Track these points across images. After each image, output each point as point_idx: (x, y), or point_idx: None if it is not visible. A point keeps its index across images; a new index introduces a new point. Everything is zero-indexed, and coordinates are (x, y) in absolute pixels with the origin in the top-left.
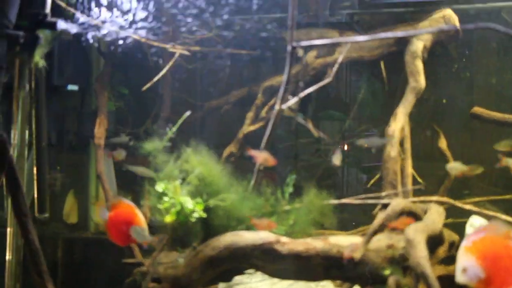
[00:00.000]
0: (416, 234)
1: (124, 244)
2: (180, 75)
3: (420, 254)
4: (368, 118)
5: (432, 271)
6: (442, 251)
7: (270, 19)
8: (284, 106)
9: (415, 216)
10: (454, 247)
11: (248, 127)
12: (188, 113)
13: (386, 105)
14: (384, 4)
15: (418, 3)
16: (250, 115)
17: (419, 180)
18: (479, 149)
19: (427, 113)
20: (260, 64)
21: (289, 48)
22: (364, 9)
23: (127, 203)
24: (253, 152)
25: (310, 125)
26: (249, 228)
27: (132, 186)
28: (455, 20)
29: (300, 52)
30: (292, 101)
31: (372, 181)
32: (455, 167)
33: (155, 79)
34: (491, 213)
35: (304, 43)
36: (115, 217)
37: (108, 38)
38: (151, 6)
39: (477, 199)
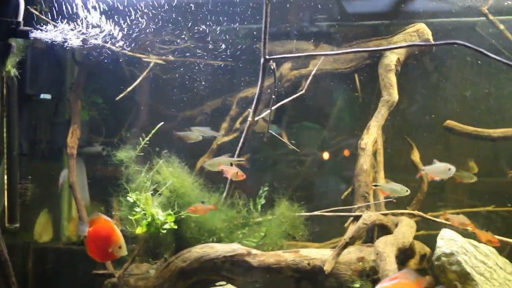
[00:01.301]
0: (386, 247)
1: (103, 260)
2: (155, 85)
3: (389, 267)
4: (344, 130)
5: None
6: (413, 263)
7: (246, 30)
8: (257, 118)
9: (386, 229)
10: (425, 259)
11: (222, 138)
12: (161, 123)
13: (361, 117)
14: (361, 17)
15: (394, 15)
16: (224, 126)
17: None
18: (452, 161)
19: (401, 125)
20: (235, 75)
21: (262, 60)
22: (343, 22)
23: (105, 219)
24: (223, 167)
25: (285, 137)
26: (220, 240)
27: (104, 196)
28: (429, 34)
29: (273, 65)
30: (264, 114)
31: (346, 193)
32: (464, 175)
33: (129, 88)
34: (463, 226)
35: (276, 56)
36: (94, 234)
37: (82, 47)
38: (126, 16)
39: (451, 210)
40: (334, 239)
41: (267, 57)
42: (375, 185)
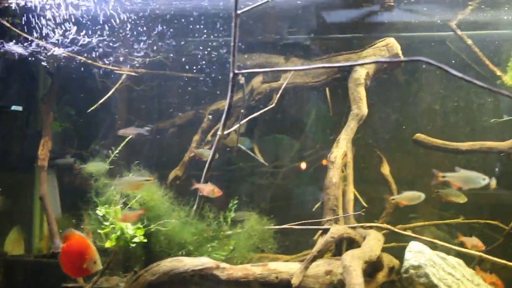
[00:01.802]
0: (353, 261)
1: (78, 276)
2: (128, 97)
3: (355, 281)
4: (316, 142)
5: None
6: (381, 276)
7: (218, 42)
8: (227, 132)
9: (354, 243)
10: (394, 272)
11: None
12: (130, 136)
13: (332, 130)
14: (332, 31)
15: (366, 29)
16: (196, 138)
17: (364, 204)
18: (424, 174)
19: (372, 138)
20: (207, 87)
21: (231, 75)
22: (313, 35)
23: (79, 234)
24: (198, 185)
25: (256, 150)
26: (188, 253)
27: (76, 209)
28: (398, 48)
29: (241, 80)
30: (234, 127)
31: (317, 205)
32: (453, 194)
33: (101, 100)
34: (428, 238)
35: (245, 70)
36: (68, 250)
37: (55, 59)
38: (99, 28)
39: (420, 223)
40: (305, 251)
41: (236, 71)
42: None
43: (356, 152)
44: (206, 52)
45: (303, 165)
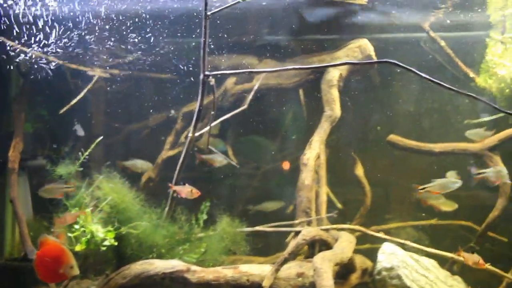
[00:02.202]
0: (323, 263)
1: (55, 281)
2: (101, 98)
3: (326, 283)
4: (290, 143)
5: None
6: (354, 278)
7: (193, 43)
8: (198, 134)
9: (327, 245)
10: (367, 273)
11: (167, 152)
12: (100, 138)
13: (306, 132)
14: (305, 32)
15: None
16: (169, 140)
17: (339, 206)
18: (399, 175)
19: (346, 140)
20: (181, 88)
21: (201, 76)
22: (287, 36)
23: (53, 240)
24: (176, 188)
25: (230, 152)
26: (160, 255)
27: (46, 212)
28: (370, 50)
29: (212, 81)
30: (205, 129)
31: (291, 207)
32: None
33: (73, 101)
34: (401, 240)
35: (216, 72)
36: (44, 256)
37: (27, 60)
38: (72, 29)
39: (395, 224)
40: (279, 253)
41: (206, 73)
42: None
43: (331, 154)
44: (180, 53)
45: (283, 165)
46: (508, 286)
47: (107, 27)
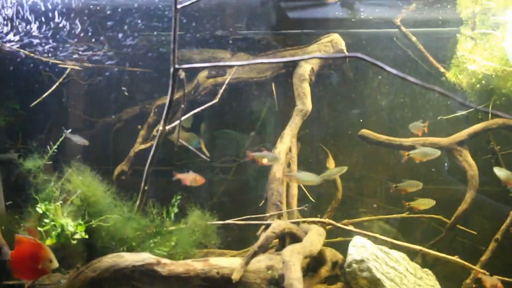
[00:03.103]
0: (292, 256)
1: (35, 278)
2: (74, 91)
3: (294, 276)
4: (263, 137)
5: None
6: (324, 270)
7: (166, 37)
8: (169, 127)
9: (296, 238)
10: (337, 266)
11: (139, 145)
12: (68, 131)
13: (278, 125)
14: (278, 27)
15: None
16: (142, 133)
17: (312, 200)
18: (371, 169)
19: (318, 133)
20: (154, 82)
21: (171, 70)
22: (260, 31)
23: (28, 238)
24: (179, 175)
25: (203, 146)
26: (131, 248)
27: (19, 206)
28: (342, 44)
29: (182, 74)
30: (175, 123)
31: (263, 201)
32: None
33: (45, 94)
34: (370, 233)
35: (186, 66)
36: (20, 255)
37: None
38: (44, 22)
39: (367, 218)
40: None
41: (176, 66)
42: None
43: (304, 147)
44: (153, 47)
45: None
46: (475, 278)
47: (80, 19)
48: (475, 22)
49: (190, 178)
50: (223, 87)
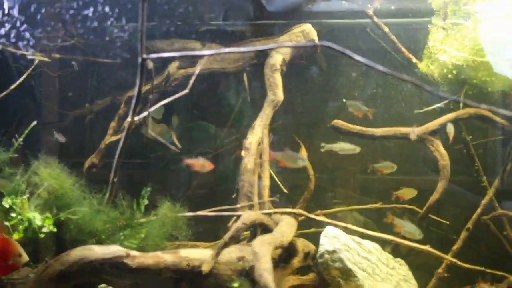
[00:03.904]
0: (262, 247)
1: (5, 274)
2: (44, 83)
3: (264, 267)
4: (237, 129)
5: (273, 284)
6: (296, 261)
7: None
8: (137, 119)
9: (267, 229)
10: (309, 257)
11: (110, 138)
12: (34, 122)
13: (251, 116)
14: (250, 17)
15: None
16: (112, 125)
17: (285, 191)
18: (344, 159)
19: (292, 124)
20: (124, 73)
21: (139, 59)
22: (231, 21)
23: None
24: (189, 161)
25: (174, 137)
26: (100, 241)
27: None
28: (314, 35)
29: (150, 64)
30: (143, 115)
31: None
32: (386, 166)
33: (12, 87)
34: (342, 224)
35: (154, 55)
36: None
37: None
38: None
39: (340, 208)
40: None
41: (144, 56)
42: None
43: (277, 139)
44: (124, 37)
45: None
46: (448, 266)
47: (48, 8)
48: (446, 12)
49: (199, 164)
50: (193, 78)
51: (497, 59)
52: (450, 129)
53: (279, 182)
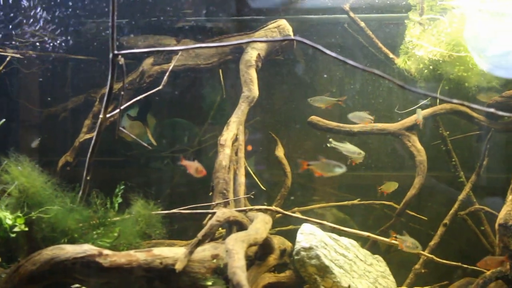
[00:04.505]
0: (236, 244)
1: None
2: (17, 80)
3: (237, 264)
4: (214, 126)
5: (246, 282)
6: (272, 258)
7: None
8: (109, 116)
9: (242, 226)
10: (286, 254)
11: (84, 135)
12: (3, 121)
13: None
14: (226, 13)
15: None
16: (87, 123)
17: (263, 188)
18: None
19: (269, 121)
20: (98, 70)
21: (110, 55)
22: (206, 17)
23: None
24: (185, 162)
25: (149, 134)
26: (73, 240)
27: None
28: (289, 30)
29: (121, 61)
30: (114, 112)
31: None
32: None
33: None
34: (317, 221)
35: (125, 51)
36: None
37: None
38: None
39: (317, 205)
40: None
41: (115, 52)
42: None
43: (254, 135)
44: (96, 34)
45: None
46: (424, 262)
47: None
48: (422, 8)
49: (193, 167)
50: (167, 74)
51: (478, 55)
52: (419, 115)
53: (256, 179)
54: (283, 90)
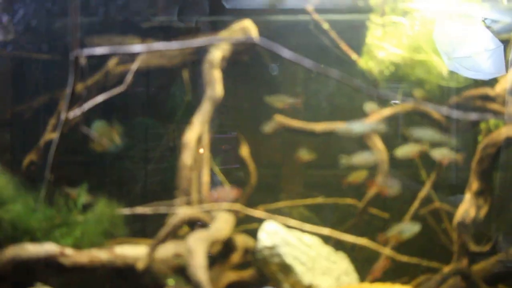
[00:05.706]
0: (197, 243)
1: None
2: None
3: (198, 263)
4: (179, 126)
5: (207, 280)
6: (236, 257)
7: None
8: (71, 116)
9: (204, 224)
10: (249, 252)
11: (49, 135)
12: None
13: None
14: (190, 13)
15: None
16: (52, 122)
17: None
18: (286, 155)
19: (233, 121)
20: (64, 69)
21: (71, 56)
22: (172, 17)
23: None
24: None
25: (115, 134)
26: (36, 240)
27: None
28: (253, 31)
29: (83, 60)
30: (77, 111)
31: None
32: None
33: None
34: (283, 218)
35: (87, 51)
36: None
37: None
38: None
39: (283, 203)
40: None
41: (77, 52)
42: None
43: (220, 135)
44: (61, 33)
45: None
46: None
47: None
48: (384, 9)
49: (225, 194)
50: (129, 74)
51: (448, 57)
52: (371, 108)
53: (222, 178)
54: (249, 90)
